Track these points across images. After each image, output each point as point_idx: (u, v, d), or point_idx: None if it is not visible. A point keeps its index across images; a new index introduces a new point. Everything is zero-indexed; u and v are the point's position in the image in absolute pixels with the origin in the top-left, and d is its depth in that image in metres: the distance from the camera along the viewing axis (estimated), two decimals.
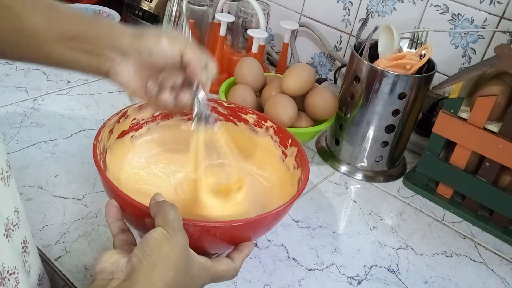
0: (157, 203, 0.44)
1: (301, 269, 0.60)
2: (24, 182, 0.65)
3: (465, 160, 0.71)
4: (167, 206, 0.43)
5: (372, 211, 0.72)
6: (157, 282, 0.39)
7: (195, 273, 0.43)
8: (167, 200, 0.45)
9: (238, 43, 1.04)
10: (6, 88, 0.86)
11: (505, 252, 0.69)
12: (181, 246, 0.41)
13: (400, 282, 0.60)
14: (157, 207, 0.44)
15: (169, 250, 0.40)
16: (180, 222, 0.43)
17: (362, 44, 0.76)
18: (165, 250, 0.40)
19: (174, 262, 0.40)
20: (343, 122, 0.79)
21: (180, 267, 0.41)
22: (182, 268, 0.41)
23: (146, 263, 0.39)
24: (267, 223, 0.54)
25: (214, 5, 0.99)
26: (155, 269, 0.39)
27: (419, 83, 0.72)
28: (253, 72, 0.80)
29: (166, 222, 0.42)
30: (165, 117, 0.67)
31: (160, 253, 0.40)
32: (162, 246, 0.40)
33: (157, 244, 0.40)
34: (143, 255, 0.39)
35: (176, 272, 0.40)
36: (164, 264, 0.39)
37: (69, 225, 0.60)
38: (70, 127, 0.79)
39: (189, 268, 0.42)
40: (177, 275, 0.40)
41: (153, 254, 0.39)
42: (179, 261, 0.41)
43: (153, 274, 0.39)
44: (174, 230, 0.41)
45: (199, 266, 0.44)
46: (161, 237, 0.41)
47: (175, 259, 0.40)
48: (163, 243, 0.40)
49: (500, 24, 0.80)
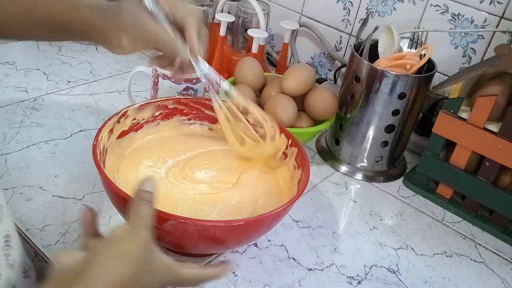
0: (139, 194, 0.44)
1: (301, 269, 0.60)
2: (24, 182, 0.65)
3: (465, 160, 0.71)
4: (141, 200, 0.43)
5: (372, 211, 0.72)
6: (114, 274, 0.39)
7: (157, 271, 0.43)
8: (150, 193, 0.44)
9: (238, 43, 1.04)
10: (6, 88, 0.86)
11: (505, 252, 0.69)
12: (143, 242, 0.41)
13: (400, 282, 0.60)
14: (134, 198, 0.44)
15: (129, 245, 0.40)
16: (148, 218, 0.43)
17: (362, 44, 0.76)
18: (125, 245, 0.40)
19: (133, 257, 0.40)
20: (343, 122, 0.79)
21: (139, 263, 0.41)
22: (141, 264, 0.41)
23: (104, 255, 0.39)
24: (267, 223, 0.54)
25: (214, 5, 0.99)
26: (112, 262, 0.39)
27: (419, 83, 0.72)
28: (253, 72, 0.80)
29: (133, 217, 0.42)
30: (165, 117, 0.68)
31: (119, 247, 0.40)
32: (123, 241, 0.40)
33: (118, 239, 0.40)
34: (102, 248, 0.40)
35: (135, 267, 0.40)
36: (123, 258, 0.40)
37: (69, 225, 0.60)
38: (70, 127, 0.79)
39: (150, 265, 0.42)
40: (135, 270, 0.40)
41: (112, 247, 0.40)
42: (137, 254, 0.41)
43: (109, 267, 0.39)
44: (138, 225, 0.42)
45: (162, 265, 0.44)
46: (123, 232, 0.41)
47: (133, 252, 0.40)
48: (124, 238, 0.41)
49: (500, 24, 0.80)
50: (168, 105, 0.67)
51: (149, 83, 0.79)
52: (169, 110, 0.67)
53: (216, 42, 0.96)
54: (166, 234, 0.48)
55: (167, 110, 0.67)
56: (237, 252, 0.60)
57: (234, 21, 0.98)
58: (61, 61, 0.98)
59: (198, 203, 0.57)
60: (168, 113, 0.68)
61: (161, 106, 0.66)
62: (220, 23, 0.94)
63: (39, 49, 1.01)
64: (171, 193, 0.58)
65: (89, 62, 1.00)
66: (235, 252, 0.60)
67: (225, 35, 0.96)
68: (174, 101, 0.67)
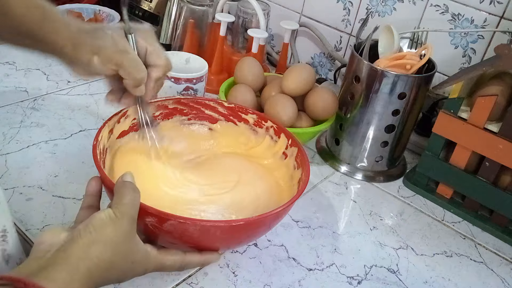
0: (122, 183, 0.45)
1: (301, 269, 0.60)
2: (24, 182, 0.65)
3: (465, 160, 0.71)
4: (127, 189, 0.44)
5: (372, 211, 0.72)
6: (92, 258, 0.39)
7: (137, 259, 0.44)
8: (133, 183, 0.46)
9: (238, 43, 1.04)
10: (6, 88, 0.86)
11: (505, 252, 0.69)
12: (125, 230, 0.42)
13: (400, 282, 0.60)
14: (118, 187, 0.44)
15: (111, 231, 0.41)
16: (133, 208, 0.43)
17: (362, 44, 0.76)
18: (107, 231, 0.41)
19: (114, 244, 0.41)
20: (343, 122, 0.79)
21: (119, 250, 0.41)
22: (121, 251, 0.41)
23: (85, 238, 0.40)
24: (267, 223, 0.54)
25: (214, 5, 0.99)
26: (92, 246, 0.40)
27: (419, 83, 0.72)
28: (253, 72, 0.80)
29: (118, 204, 0.43)
30: (165, 117, 0.68)
31: (102, 232, 0.40)
32: (106, 227, 0.41)
33: (101, 224, 0.41)
34: (85, 231, 0.40)
35: (114, 254, 0.41)
36: (103, 244, 0.40)
37: (69, 225, 0.60)
38: (70, 127, 0.79)
39: (130, 253, 0.43)
40: (114, 257, 0.41)
41: (94, 231, 0.40)
42: (119, 244, 0.41)
43: (89, 250, 0.39)
44: (122, 213, 0.42)
45: (142, 253, 0.45)
46: (107, 217, 0.41)
47: (116, 241, 0.41)
48: (108, 224, 0.41)
49: (500, 24, 0.80)
50: (168, 105, 0.67)
51: None
52: (169, 110, 0.67)
53: (216, 42, 0.96)
54: (166, 234, 0.48)
55: (167, 110, 0.67)
56: (237, 252, 0.60)
57: (234, 21, 0.98)
58: None
59: (198, 203, 0.57)
60: (168, 113, 0.68)
61: (161, 106, 0.66)
62: (220, 23, 0.94)
63: None
64: (171, 193, 0.58)
65: None
66: (235, 252, 0.60)
67: (225, 35, 0.96)
68: (174, 101, 0.67)
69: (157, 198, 0.55)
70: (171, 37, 1.04)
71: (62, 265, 0.38)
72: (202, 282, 0.55)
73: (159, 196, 0.57)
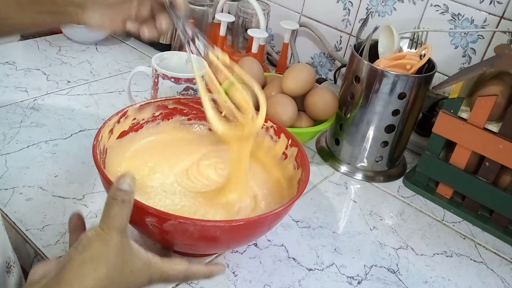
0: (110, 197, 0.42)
1: (301, 269, 0.60)
2: (24, 182, 0.65)
3: (465, 160, 0.71)
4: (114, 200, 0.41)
5: (372, 211, 0.72)
6: (87, 278, 0.38)
7: (137, 267, 0.42)
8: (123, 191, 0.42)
9: (238, 43, 1.04)
10: (6, 88, 0.86)
11: (505, 252, 0.69)
12: (115, 242, 0.40)
13: (400, 282, 0.60)
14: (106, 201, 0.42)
15: (100, 246, 0.40)
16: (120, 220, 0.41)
17: (362, 44, 0.76)
18: (96, 247, 0.39)
19: (106, 258, 0.39)
20: (343, 122, 0.79)
21: (113, 263, 0.40)
22: (116, 264, 0.40)
23: (76, 260, 0.39)
24: (267, 223, 0.54)
25: (214, 5, 0.99)
26: (84, 265, 0.38)
27: (419, 83, 0.72)
28: (253, 72, 0.80)
29: (104, 219, 0.41)
30: (165, 117, 0.67)
31: (91, 250, 0.39)
32: (93, 243, 0.40)
33: (88, 241, 0.40)
34: (74, 253, 0.39)
35: (109, 269, 0.39)
36: (95, 261, 0.39)
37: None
38: (70, 127, 0.79)
39: (127, 263, 0.41)
40: (109, 272, 0.39)
41: (83, 251, 0.39)
42: (112, 257, 0.40)
43: (82, 270, 0.38)
44: (109, 227, 0.40)
45: (143, 261, 0.43)
46: (93, 234, 0.40)
47: (107, 255, 0.40)
48: (95, 240, 0.40)
49: (500, 24, 0.80)
50: (168, 105, 0.67)
51: (149, 83, 0.79)
52: (169, 110, 0.67)
53: (216, 42, 0.96)
54: (166, 234, 0.48)
55: (167, 110, 0.67)
56: (237, 252, 0.60)
57: (234, 21, 0.98)
58: (61, 61, 0.99)
59: (198, 203, 0.57)
60: (168, 113, 0.68)
61: (161, 106, 0.66)
62: (220, 23, 0.94)
63: (39, 49, 1.01)
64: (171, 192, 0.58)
65: (89, 62, 1.00)
66: (235, 252, 0.60)
67: (225, 35, 0.96)
68: (174, 101, 0.67)
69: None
70: (171, 37, 1.04)
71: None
72: (202, 282, 0.55)
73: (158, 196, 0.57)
